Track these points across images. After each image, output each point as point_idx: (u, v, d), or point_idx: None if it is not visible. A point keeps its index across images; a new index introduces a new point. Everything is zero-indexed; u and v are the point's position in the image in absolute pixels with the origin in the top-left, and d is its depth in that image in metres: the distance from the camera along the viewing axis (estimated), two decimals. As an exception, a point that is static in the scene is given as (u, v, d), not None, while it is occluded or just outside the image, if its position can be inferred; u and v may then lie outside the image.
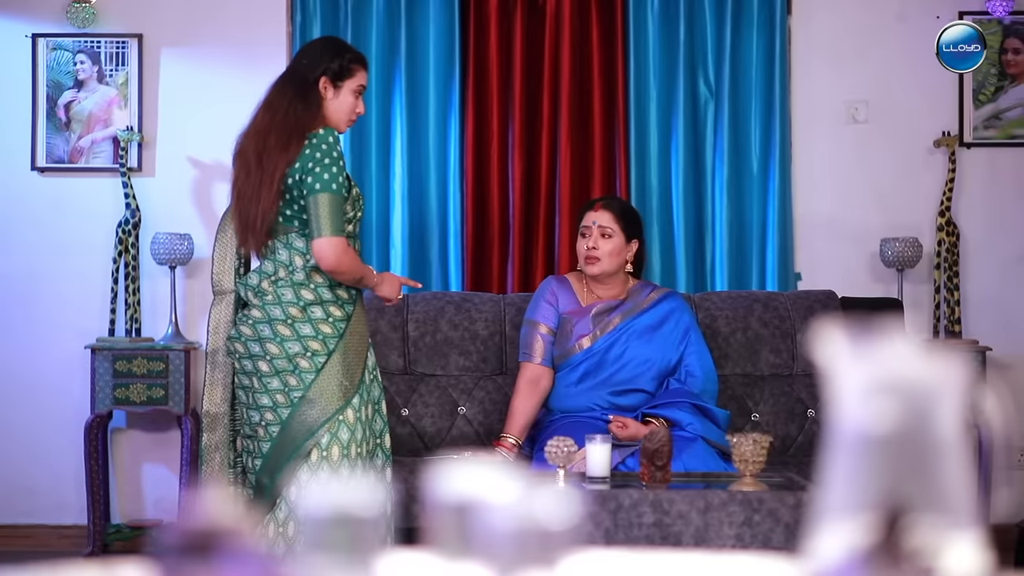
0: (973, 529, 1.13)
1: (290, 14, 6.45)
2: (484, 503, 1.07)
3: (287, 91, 4.20)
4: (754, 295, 5.82)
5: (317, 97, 4.21)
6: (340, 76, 4.24)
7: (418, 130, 6.41)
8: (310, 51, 4.31)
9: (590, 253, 5.16)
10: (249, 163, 4.16)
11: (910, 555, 1.07)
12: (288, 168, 4.08)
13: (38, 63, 6.43)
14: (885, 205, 6.45)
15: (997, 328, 6.39)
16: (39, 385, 6.41)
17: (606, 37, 6.43)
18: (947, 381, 1.14)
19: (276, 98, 4.20)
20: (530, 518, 1.05)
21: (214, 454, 4.35)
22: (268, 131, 4.14)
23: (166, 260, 6.22)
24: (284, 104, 4.17)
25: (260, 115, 4.20)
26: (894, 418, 1.12)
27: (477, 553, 1.06)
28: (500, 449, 5.10)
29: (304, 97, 4.18)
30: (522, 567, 1.04)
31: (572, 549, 1.06)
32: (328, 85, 4.22)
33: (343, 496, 1.07)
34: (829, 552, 1.10)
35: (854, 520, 1.09)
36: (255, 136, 4.17)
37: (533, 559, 1.04)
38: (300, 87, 4.20)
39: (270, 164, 4.10)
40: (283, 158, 4.08)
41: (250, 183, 4.15)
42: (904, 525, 1.08)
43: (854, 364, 1.14)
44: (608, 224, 5.15)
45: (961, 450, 1.14)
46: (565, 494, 1.07)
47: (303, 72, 4.23)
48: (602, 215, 5.18)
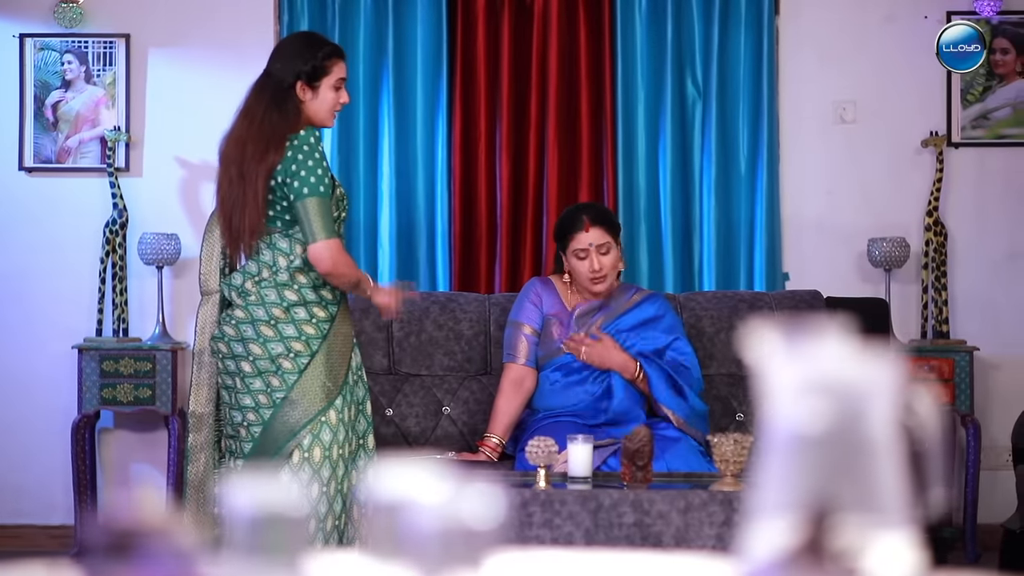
0: (906, 529, 1.13)
1: (277, 14, 6.45)
2: (411, 503, 1.07)
3: (263, 98, 4.17)
4: (739, 295, 5.82)
5: (295, 102, 4.17)
6: (315, 76, 4.21)
7: (406, 130, 6.41)
8: (283, 53, 4.27)
9: (596, 275, 5.11)
10: (231, 172, 4.15)
11: (836, 555, 1.06)
12: (269, 174, 4.07)
13: (25, 63, 6.43)
14: (873, 205, 6.45)
15: (985, 328, 6.39)
16: (26, 385, 6.41)
17: (594, 37, 6.43)
18: (879, 381, 1.14)
19: (253, 104, 4.17)
20: (455, 518, 1.05)
21: (199, 454, 4.35)
22: (246, 140, 4.12)
23: (153, 260, 6.21)
24: (260, 112, 4.14)
25: (239, 121, 4.18)
26: (825, 418, 1.12)
27: (404, 553, 1.06)
28: (483, 449, 5.10)
29: (280, 104, 4.14)
30: (447, 567, 1.04)
31: (497, 549, 1.06)
32: (305, 88, 4.19)
33: (270, 496, 1.07)
34: (759, 552, 1.10)
35: (783, 520, 1.09)
36: (235, 144, 4.15)
37: (458, 559, 1.04)
38: (275, 93, 4.16)
39: (251, 174, 4.08)
40: (263, 167, 4.07)
41: (233, 193, 4.14)
42: (831, 525, 1.08)
43: (785, 364, 1.13)
44: (604, 240, 5.11)
45: (893, 450, 1.13)
46: (490, 494, 1.06)
47: (278, 76, 4.19)
48: (595, 233, 5.11)
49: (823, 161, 6.48)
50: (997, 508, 6.13)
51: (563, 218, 5.28)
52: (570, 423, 4.92)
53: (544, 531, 4.01)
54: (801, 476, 1.11)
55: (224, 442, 4.31)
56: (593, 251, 5.08)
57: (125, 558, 0.95)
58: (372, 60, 6.42)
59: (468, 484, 1.07)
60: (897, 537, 1.11)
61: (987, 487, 6.23)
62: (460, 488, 1.07)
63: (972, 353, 6.10)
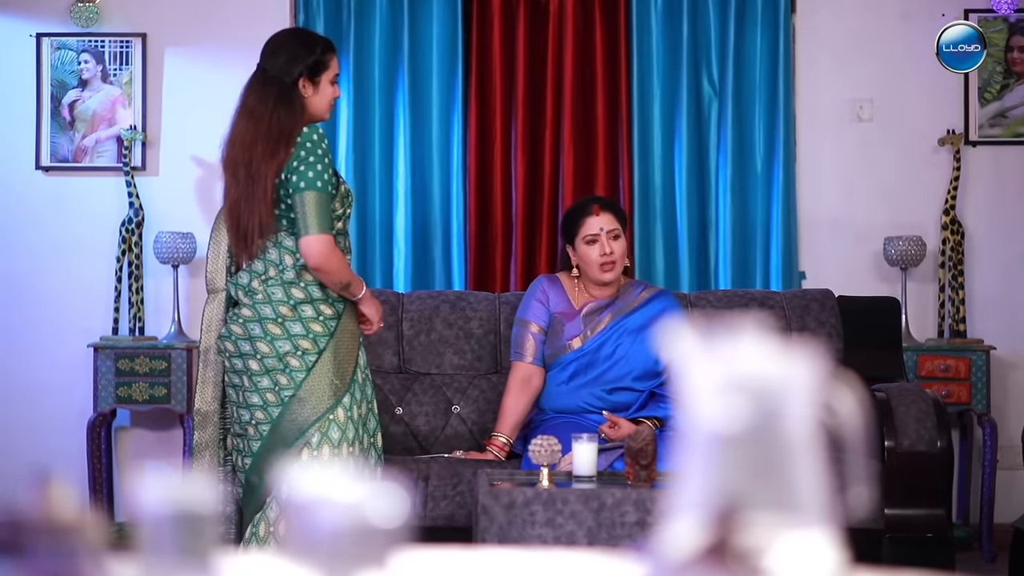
0: (825, 528, 1.12)
1: (293, 13, 6.46)
2: (318, 502, 1.06)
3: (267, 97, 4.14)
4: (750, 294, 5.79)
5: (299, 99, 4.17)
6: (316, 71, 4.20)
7: (421, 129, 6.41)
8: (280, 49, 4.24)
9: (606, 259, 5.09)
10: (238, 174, 4.14)
11: (743, 554, 1.06)
12: (278, 172, 4.07)
13: (42, 62, 6.46)
14: (889, 204, 6.42)
15: (1002, 327, 6.36)
16: (43, 383, 6.43)
17: (609, 35, 6.42)
18: (798, 380, 1.13)
19: (257, 105, 4.15)
20: (360, 517, 1.04)
21: (204, 452, 4.36)
22: (254, 141, 4.10)
23: (169, 259, 6.24)
24: (267, 112, 4.12)
25: (242, 123, 4.16)
26: (744, 417, 1.11)
27: (310, 552, 1.05)
28: (491, 448, 5.10)
29: (287, 102, 4.14)
30: (352, 566, 1.04)
31: (402, 548, 1.06)
32: (307, 84, 4.18)
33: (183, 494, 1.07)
34: (670, 550, 1.09)
35: (694, 518, 1.09)
36: (241, 147, 4.13)
37: (363, 559, 1.04)
38: (280, 91, 4.14)
39: (260, 173, 4.07)
40: (272, 165, 4.06)
41: (241, 194, 4.13)
42: (741, 523, 1.07)
43: (705, 363, 1.13)
44: (614, 226, 5.10)
45: (812, 449, 1.13)
46: (396, 493, 1.06)
47: (279, 74, 4.18)
48: (606, 218, 5.10)
49: (839, 159, 6.46)
50: (1014, 508, 6.09)
51: (570, 210, 5.28)
52: (577, 423, 4.91)
53: (546, 530, 4.01)
54: (719, 475, 1.10)
55: (231, 440, 4.32)
56: (604, 235, 5.06)
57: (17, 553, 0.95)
58: (387, 59, 6.42)
59: (376, 482, 1.07)
60: (815, 536, 1.11)
61: (1004, 487, 6.20)
62: (369, 487, 1.07)
63: (989, 352, 6.07)
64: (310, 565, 1.04)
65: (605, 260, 5.07)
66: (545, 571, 1.28)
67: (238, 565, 1.14)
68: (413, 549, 1.11)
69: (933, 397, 4.96)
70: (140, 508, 1.06)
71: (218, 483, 4.29)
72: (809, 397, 1.13)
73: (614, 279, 5.13)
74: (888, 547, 4.77)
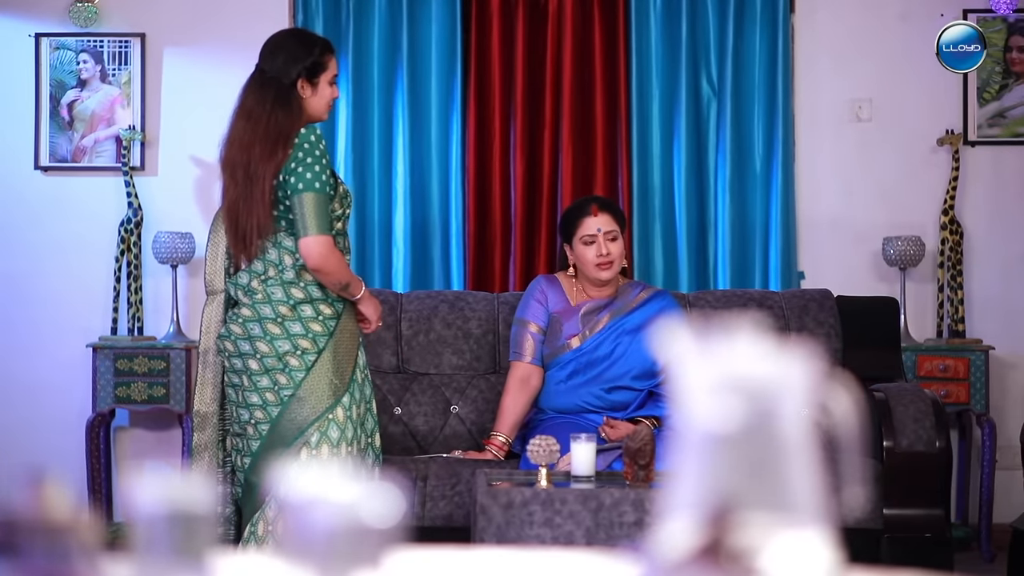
0: (820, 528, 1.12)
1: (292, 13, 6.46)
2: (314, 502, 1.06)
3: (266, 98, 4.14)
4: (749, 294, 5.79)
5: (298, 100, 4.17)
6: (315, 72, 4.20)
7: (420, 129, 6.41)
8: (279, 50, 4.23)
9: (603, 260, 5.09)
10: (237, 175, 4.14)
11: (739, 554, 1.06)
12: (276, 172, 4.07)
13: (41, 62, 6.46)
14: (888, 204, 6.42)
15: (1001, 327, 6.36)
16: (41, 383, 6.43)
17: (608, 36, 6.42)
18: (793, 381, 1.13)
19: (256, 106, 4.15)
20: (356, 517, 1.04)
21: (203, 453, 4.36)
22: (252, 142, 4.10)
23: (168, 259, 6.24)
24: (265, 113, 4.12)
25: (240, 124, 4.15)
26: (738, 417, 1.11)
27: (306, 552, 1.05)
28: (490, 448, 5.10)
29: (285, 103, 4.13)
30: (347, 566, 1.04)
31: (398, 548, 1.06)
32: (306, 84, 4.18)
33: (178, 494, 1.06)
34: (665, 550, 1.09)
35: (689, 519, 1.08)
36: (239, 148, 4.13)
37: (358, 558, 1.04)
38: (279, 92, 4.14)
39: (259, 174, 4.07)
40: (271, 166, 4.06)
41: (239, 195, 4.12)
42: (736, 523, 1.07)
43: (700, 363, 1.13)
44: (612, 227, 5.11)
45: (807, 449, 1.13)
46: (392, 493, 1.06)
47: (277, 75, 4.17)
48: (603, 219, 5.11)
49: (838, 159, 6.46)
50: (1013, 508, 6.09)
51: (569, 209, 5.29)
52: (575, 423, 4.91)
53: (545, 530, 4.01)
54: (713, 475, 1.10)
55: (230, 440, 4.32)
56: (601, 236, 5.07)
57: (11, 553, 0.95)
58: (386, 60, 6.42)
59: (373, 482, 1.07)
60: (810, 537, 1.11)
61: (1002, 487, 6.20)
62: (365, 487, 1.06)
63: (988, 352, 6.07)
64: (306, 565, 1.04)
65: (601, 260, 5.07)
66: (543, 571, 1.28)
67: (234, 565, 1.14)
68: (411, 549, 1.11)
69: (932, 397, 4.97)
70: (136, 508, 1.06)
71: (216, 484, 4.30)
72: (805, 397, 1.13)
73: (610, 278, 5.13)
74: (887, 547, 4.77)
